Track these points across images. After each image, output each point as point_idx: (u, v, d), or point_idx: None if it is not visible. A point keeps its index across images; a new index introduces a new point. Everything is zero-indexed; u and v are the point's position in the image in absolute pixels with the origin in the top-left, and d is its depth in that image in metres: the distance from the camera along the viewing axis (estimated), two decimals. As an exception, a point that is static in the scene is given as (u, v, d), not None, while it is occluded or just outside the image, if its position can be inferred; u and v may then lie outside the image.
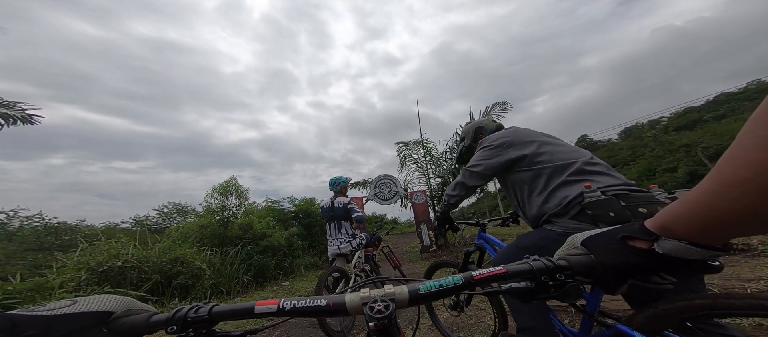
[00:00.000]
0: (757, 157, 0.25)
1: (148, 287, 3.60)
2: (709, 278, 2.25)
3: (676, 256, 0.33)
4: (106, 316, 0.36)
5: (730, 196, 0.27)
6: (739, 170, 0.26)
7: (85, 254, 3.68)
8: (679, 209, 0.33)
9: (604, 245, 0.39)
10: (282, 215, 7.37)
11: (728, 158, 0.27)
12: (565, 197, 0.94)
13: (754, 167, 0.25)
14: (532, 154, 1.08)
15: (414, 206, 7.79)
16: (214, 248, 4.95)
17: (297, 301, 0.38)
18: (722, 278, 2.23)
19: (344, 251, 2.96)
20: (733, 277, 2.22)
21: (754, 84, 39.51)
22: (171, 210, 10.60)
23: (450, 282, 0.38)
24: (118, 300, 0.38)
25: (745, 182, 0.25)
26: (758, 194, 0.25)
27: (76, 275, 3.36)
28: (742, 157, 0.26)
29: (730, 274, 2.31)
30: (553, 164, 1.03)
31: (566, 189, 0.96)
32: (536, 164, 1.06)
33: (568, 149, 1.09)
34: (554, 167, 1.02)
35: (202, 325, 0.36)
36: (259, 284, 4.87)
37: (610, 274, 0.38)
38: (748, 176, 0.25)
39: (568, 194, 0.94)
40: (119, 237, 4.24)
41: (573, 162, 1.00)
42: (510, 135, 1.19)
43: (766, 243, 2.89)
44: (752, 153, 0.25)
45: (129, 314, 0.38)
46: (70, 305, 0.34)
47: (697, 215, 0.31)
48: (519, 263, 0.40)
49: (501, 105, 7.91)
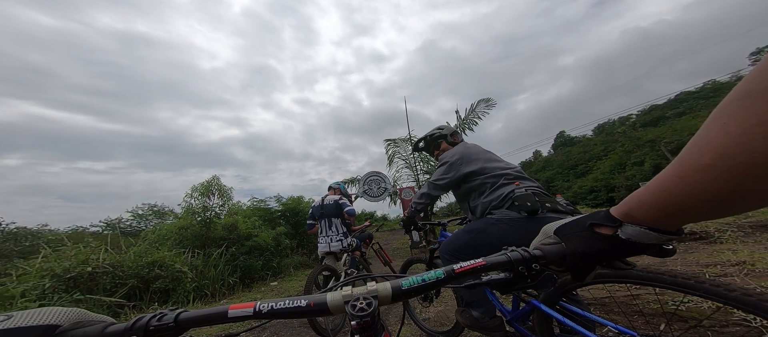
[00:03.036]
0: (719, 142, 0.25)
1: (123, 293, 3.38)
2: (672, 262, 2.45)
3: (637, 241, 0.34)
4: (49, 330, 0.31)
5: (690, 182, 0.28)
6: (701, 156, 0.27)
7: (49, 260, 3.38)
8: (642, 195, 0.34)
9: (574, 233, 0.40)
10: (268, 214, 7.17)
11: (691, 146, 0.28)
12: (501, 193, 1.26)
13: (715, 153, 0.26)
14: (480, 168, 1.39)
15: (403, 202, 7.85)
16: (195, 250, 4.73)
17: (275, 302, 0.36)
18: (684, 263, 2.44)
19: (334, 249, 2.94)
20: (693, 262, 2.42)
21: (709, 84, 43.10)
22: (146, 212, 9.99)
23: (433, 277, 0.38)
24: (65, 312, 0.33)
25: (705, 168, 0.26)
26: (716, 179, 0.26)
27: (39, 282, 3.09)
28: (705, 144, 0.27)
29: (691, 259, 2.53)
30: (494, 173, 1.35)
31: (503, 188, 1.28)
32: (482, 175, 1.37)
33: (504, 164, 1.44)
34: (495, 175, 1.34)
35: (168, 333, 0.33)
36: (245, 285, 4.72)
37: (580, 261, 0.39)
38: (709, 162, 0.26)
39: (504, 191, 1.26)
40: (88, 242, 3.93)
41: (507, 172, 1.35)
42: (463, 153, 1.48)
43: (722, 230, 3.18)
44: (715, 139, 0.26)
45: (79, 327, 0.33)
46: (3, 321, 0.29)
47: (658, 201, 0.32)
48: (498, 254, 0.41)
49: (486, 102, 8.11)
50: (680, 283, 0.65)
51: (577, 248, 0.39)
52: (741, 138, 0.24)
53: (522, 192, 1.19)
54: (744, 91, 0.24)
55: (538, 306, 0.92)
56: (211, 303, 3.80)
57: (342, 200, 3.11)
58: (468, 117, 8.16)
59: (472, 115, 8.14)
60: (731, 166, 0.25)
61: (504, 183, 1.30)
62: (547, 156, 68.47)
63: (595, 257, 0.38)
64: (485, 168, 1.39)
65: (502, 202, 1.24)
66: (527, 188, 1.22)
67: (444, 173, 1.47)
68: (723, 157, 0.25)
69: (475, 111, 8.12)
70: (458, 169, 1.43)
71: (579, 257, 0.39)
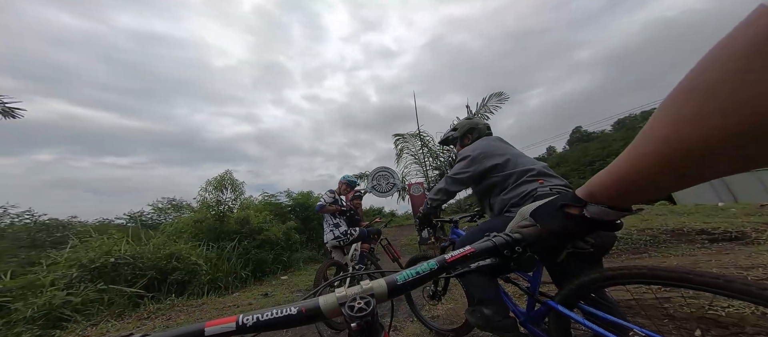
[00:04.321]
0: (661, 132, 0.29)
1: (142, 284, 3.55)
2: (706, 264, 2.27)
3: (598, 219, 0.39)
4: None
5: (639, 167, 0.32)
6: (647, 143, 0.30)
7: (77, 250, 3.60)
8: (602, 179, 0.38)
9: (547, 214, 0.44)
10: (279, 208, 7.32)
11: (641, 135, 0.31)
12: (523, 191, 1.20)
13: (657, 141, 0.29)
14: (503, 163, 1.33)
15: (412, 198, 7.79)
16: (210, 243, 4.89)
17: (261, 313, 0.33)
18: (719, 265, 2.26)
19: (327, 241, 3.01)
20: (730, 264, 2.24)
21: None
22: (165, 205, 10.44)
23: (426, 268, 0.38)
24: None
25: (650, 155, 0.30)
26: (659, 164, 0.29)
27: (67, 272, 3.29)
28: (650, 133, 0.30)
29: (727, 261, 2.35)
30: (517, 169, 1.29)
31: (525, 186, 1.22)
32: (504, 171, 1.31)
33: (528, 160, 1.37)
34: (519, 172, 1.28)
35: None
36: (257, 279, 4.85)
37: (554, 240, 0.43)
38: (653, 149, 0.30)
39: (526, 189, 1.20)
40: (111, 233, 4.15)
41: (533, 168, 1.28)
42: (485, 147, 1.41)
43: (760, 231, 2.94)
44: (657, 129, 0.29)
45: None
46: None
47: (615, 184, 0.36)
48: (483, 240, 0.43)
49: (498, 96, 7.86)
50: (708, 282, 0.60)
51: (551, 227, 0.43)
52: (674, 128, 0.27)
53: (545, 191, 1.13)
54: (684, 86, 0.26)
55: (554, 307, 0.87)
56: (225, 296, 3.93)
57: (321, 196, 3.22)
58: (479, 112, 7.94)
59: (483, 110, 7.91)
60: (666, 153, 0.28)
61: (527, 180, 1.23)
62: (561, 152, 66.10)
63: (566, 235, 0.43)
64: (508, 164, 1.33)
65: (521, 200, 1.18)
66: (552, 187, 1.15)
67: (465, 167, 1.40)
68: (661, 145, 0.28)
69: (487, 106, 7.89)
70: (480, 163, 1.37)
71: (553, 236, 0.43)
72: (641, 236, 3.54)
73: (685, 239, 3.32)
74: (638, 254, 3.19)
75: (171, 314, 3.13)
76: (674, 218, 4.09)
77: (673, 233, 3.50)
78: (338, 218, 3.09)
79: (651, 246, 3.31)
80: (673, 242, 3.32)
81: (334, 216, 3.06)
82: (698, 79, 0.25)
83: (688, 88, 0.26)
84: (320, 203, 3.07)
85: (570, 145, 69.16)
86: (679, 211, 5.37)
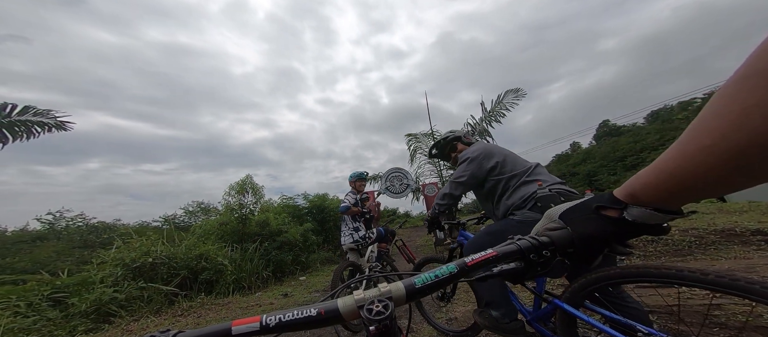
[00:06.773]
0: (718, 124, 0.26)
1: (176, 282, 3.86)
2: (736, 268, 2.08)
3: (642, 222, 0.35)
4: None
5: (692, 164, 0.29)
6: (701, 138, 0.28)
7: (120, 251, 3.99)
8: (645, 177, 0.34)
9: (579, 217, 0.40)
10: (296, 211, 7.59)
11: (692, 128, 0.29)
12: (523, 193, 1.24)
13: (714, 134, 0.26)
14: (501, 162, 1.37)
15: (426, 198, 7.74)
16: (234, 245, 5.20)
17: (283, 314, 0.34)
18: (748, 268, 2.06)
19: (345, 243, 3.02)
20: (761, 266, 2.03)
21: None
22: (195, 209, 11.18)
23: (445, 272, 0.36)
24: None
25: (705, 150, 0.27)
26: (716, 160, 0.26)
27: (113, 270, 3.67)
28: (706, 126, 0.27)
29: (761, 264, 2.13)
30: (515, 171, 1.33)
31: (525, 188, 1.26)
32: (503, 172, 1.35)
33: (522, 160, 1.42)
34: (516, 173, 1.32)
35: None
36: (277, 279, 5.08)
37: (588, 244, 0.39)
38: (709, 143, 0.27)
39: (526, 191, 1.24)
40: (149, 235, 4.55)
41: (528, 168, 1.32)
42: (484, 148, 1.45)
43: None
44: (714, 121, 0.27)
45: None
46: None
47: (661, 183, 0.32)
48: (507, 243, 0.40)
49: (514, 92, 7.60)
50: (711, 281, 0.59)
51: (585, 231, 0.39)
52: (739, 118, 0.24)
53: (545, 193, 1.16)
54: (743, 74, 0.25)
55: (560, 306, 0.88)
56: (248, 296, 4.17)
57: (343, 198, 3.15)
58: (494, 109, 7.72)
59: (499, 106, 7.69)
60: (730, 147, 0.25)
61: (526, 181, 1.28)
62: (587, 148, 62.08)
63: (603, 239, 0.38)
64: (505, 163, 1.37)
65: (523, 203, 1.22)
66: (551, 188, 1.18)
67: (465, 168, 1.44)
68: (723, 139, 0.26)
69: (502, 102, 7.65)
70: (480, 164, 1.39)
71: (587, 240, 0.39)
72: (684, 237, 3.28)
73: (738, 239, 3.05)
74: (681, 256, 2.97)
75: (201, 312, 3.38)
76: (724, 217, 3.73)
77: (722, 234, 3.21)
78: (359, 222, 3.11)
79: (696, 247, 3.06)
80: (724, 243, 3.05)
81: (354, 219, 3.08)
82: (762, 64, 0.23)
83: (754, 73, 0.23)
84: (345, 203, 3.03)
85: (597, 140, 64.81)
86: (729, 209, 4.87)
